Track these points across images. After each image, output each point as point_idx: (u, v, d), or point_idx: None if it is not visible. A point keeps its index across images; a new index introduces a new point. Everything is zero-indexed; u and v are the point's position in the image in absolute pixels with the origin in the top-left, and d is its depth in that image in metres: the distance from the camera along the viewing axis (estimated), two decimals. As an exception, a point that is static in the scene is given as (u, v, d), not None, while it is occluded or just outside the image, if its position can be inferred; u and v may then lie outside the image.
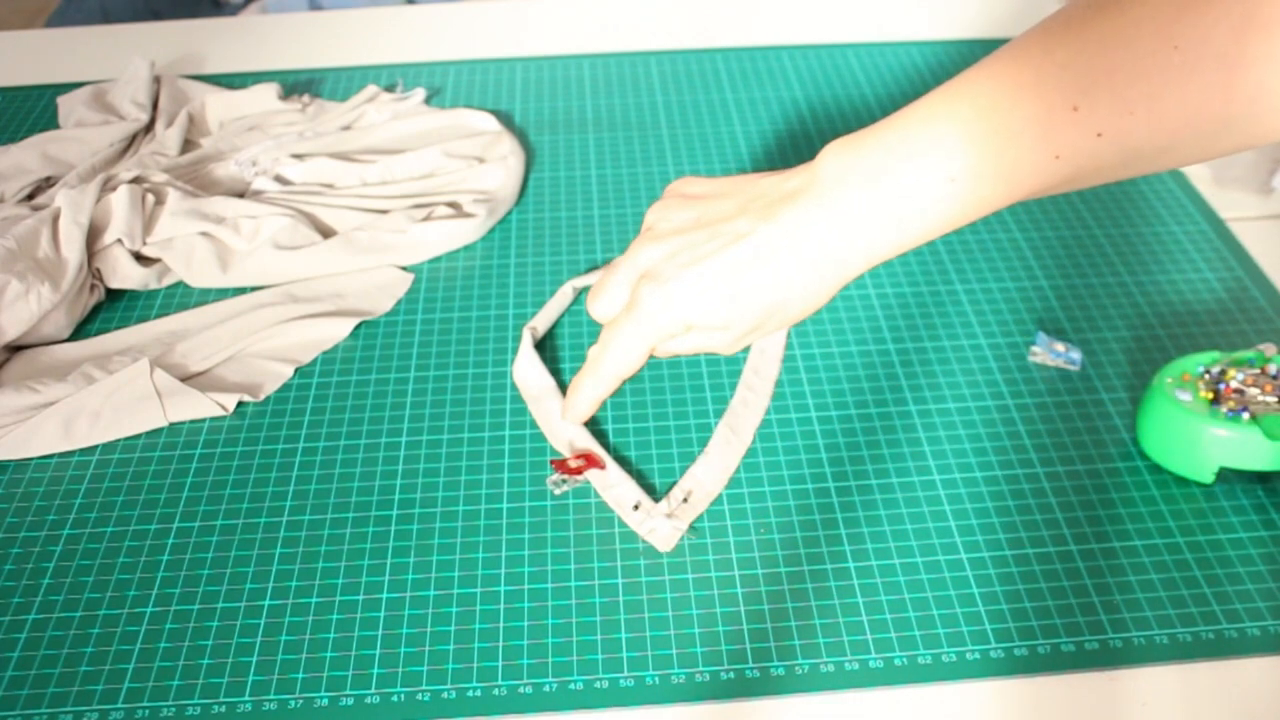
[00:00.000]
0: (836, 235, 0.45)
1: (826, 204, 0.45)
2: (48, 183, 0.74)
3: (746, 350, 0.63)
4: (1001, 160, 0.42)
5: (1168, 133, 0.40)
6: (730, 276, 0.47)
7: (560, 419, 0.52)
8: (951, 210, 0.44)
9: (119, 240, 0.67)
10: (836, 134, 0.82)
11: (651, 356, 0.51)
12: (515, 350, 0.64)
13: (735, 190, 0.49)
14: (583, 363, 0.63)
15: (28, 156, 0.76)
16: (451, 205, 0.74)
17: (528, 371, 0.62)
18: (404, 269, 0.70)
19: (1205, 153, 0.41)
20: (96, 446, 0.59)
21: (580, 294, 0.68)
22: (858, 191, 0.45)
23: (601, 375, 0.51)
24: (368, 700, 0.47)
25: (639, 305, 0.48)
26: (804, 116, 0.84)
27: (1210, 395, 0.54)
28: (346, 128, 0.81)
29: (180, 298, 0.69)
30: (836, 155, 0.46)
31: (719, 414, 0.60)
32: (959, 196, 0.44)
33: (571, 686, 0.47)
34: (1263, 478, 0.56)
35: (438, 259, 0.71)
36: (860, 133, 0.46)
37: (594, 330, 0.65)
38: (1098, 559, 0.52)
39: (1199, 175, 0.78)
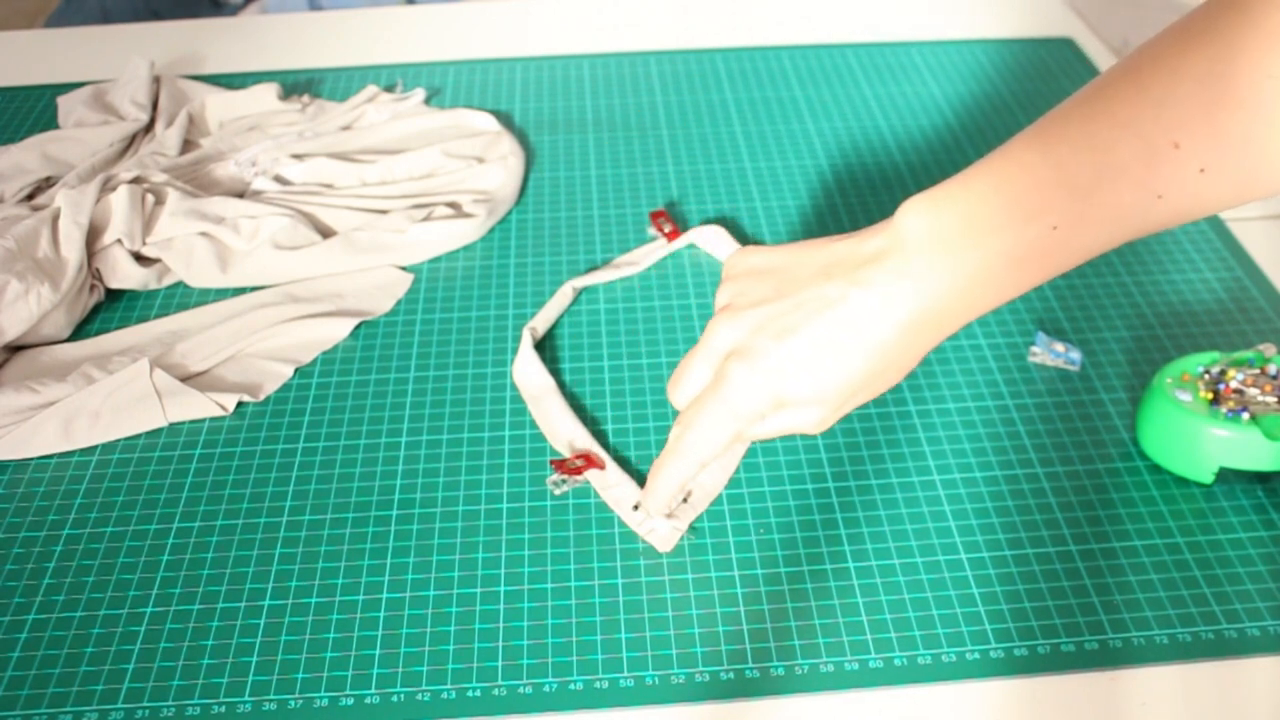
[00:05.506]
0: (931, 300, 0.42)
1: (917, 269, 0.42)
2: (47, 183, 0.74)
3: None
4: (1106, 204, 0.40)
5: (1270, 164, 0.39)
6: (826, 346, 0.43)
7: (642, 501, 0.49)
8: (1053, 261, 0.41)
9: (119, 240, 0.67)
10: (836, 135, 0.82)
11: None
12: (515, 350, 0.64)
13: (807, 257, 0.45)
14: (582, 362, 0.63)
15: (27, 156, 0.76)
16: (451, 205, 0.74)
17: (528, 371, 0.62)
18: (404, 269, 0.70)
19: None
20: (96, 446, 0.59)
21: (580, 294, 0.68)
22: (949, 253, 0.41)
23: (685, 460, 0.47)
24: (368, 700, 0.47)
25: (727, 383, 0.44)
26: (804, 116, 0.84)
27: (1210, 395, 0.54)
28: (346, 128, 0.81)
29: (180, 298, 0.69)
30: (918, 214, 0.42)
31: (719, 414, 0.60)
32: (1062, 246, 0.41)
33: (572, 686, 0.47)
34: (1262, 478, 0.56)
35: (437, 259, 0.71)
36: (941, 186, 0.42)
37: (594, 329, 0.65)
38: (1097, 559, 0.52)
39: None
